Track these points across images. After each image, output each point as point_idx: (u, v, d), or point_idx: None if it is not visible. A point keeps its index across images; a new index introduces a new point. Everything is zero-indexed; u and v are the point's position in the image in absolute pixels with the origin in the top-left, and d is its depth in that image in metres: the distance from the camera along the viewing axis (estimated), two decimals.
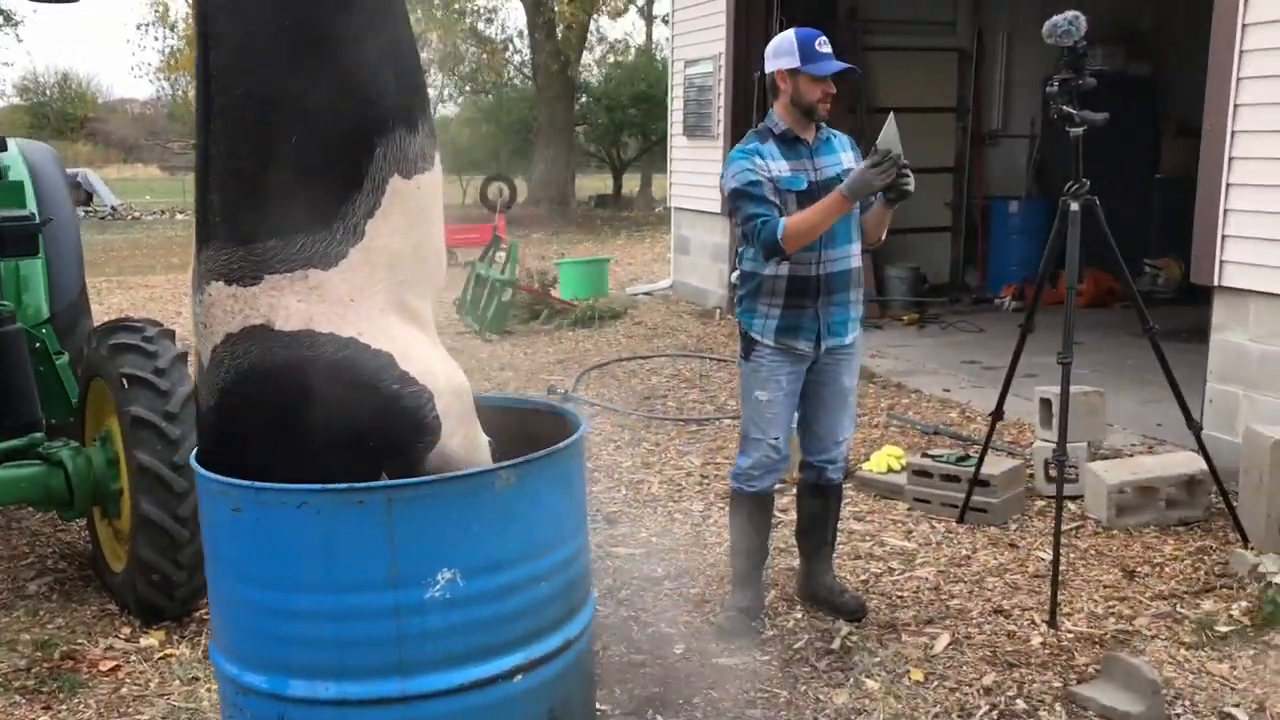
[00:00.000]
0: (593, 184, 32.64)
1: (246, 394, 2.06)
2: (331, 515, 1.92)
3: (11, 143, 4.94)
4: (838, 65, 3.81)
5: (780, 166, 3.85)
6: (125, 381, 3.91)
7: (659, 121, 29.32)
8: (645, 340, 9.68)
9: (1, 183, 4.64)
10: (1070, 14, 3.93)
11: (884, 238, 4.01)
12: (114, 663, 3.95)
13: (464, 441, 2.16)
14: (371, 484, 1.95)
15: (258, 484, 1.97)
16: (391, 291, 2.09)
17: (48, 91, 38.00)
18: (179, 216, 27.63)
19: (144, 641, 4.09)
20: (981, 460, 4.93)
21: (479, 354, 9.29)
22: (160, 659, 3.98)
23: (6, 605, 4.43)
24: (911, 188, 3.70)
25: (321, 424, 2.02)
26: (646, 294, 12.15)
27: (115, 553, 4.37)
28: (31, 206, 4.65)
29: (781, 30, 4.06)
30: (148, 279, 14.95)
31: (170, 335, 4.19)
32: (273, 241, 2.00)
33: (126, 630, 4.18)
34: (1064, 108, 4.07)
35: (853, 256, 3.93)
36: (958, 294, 11.30)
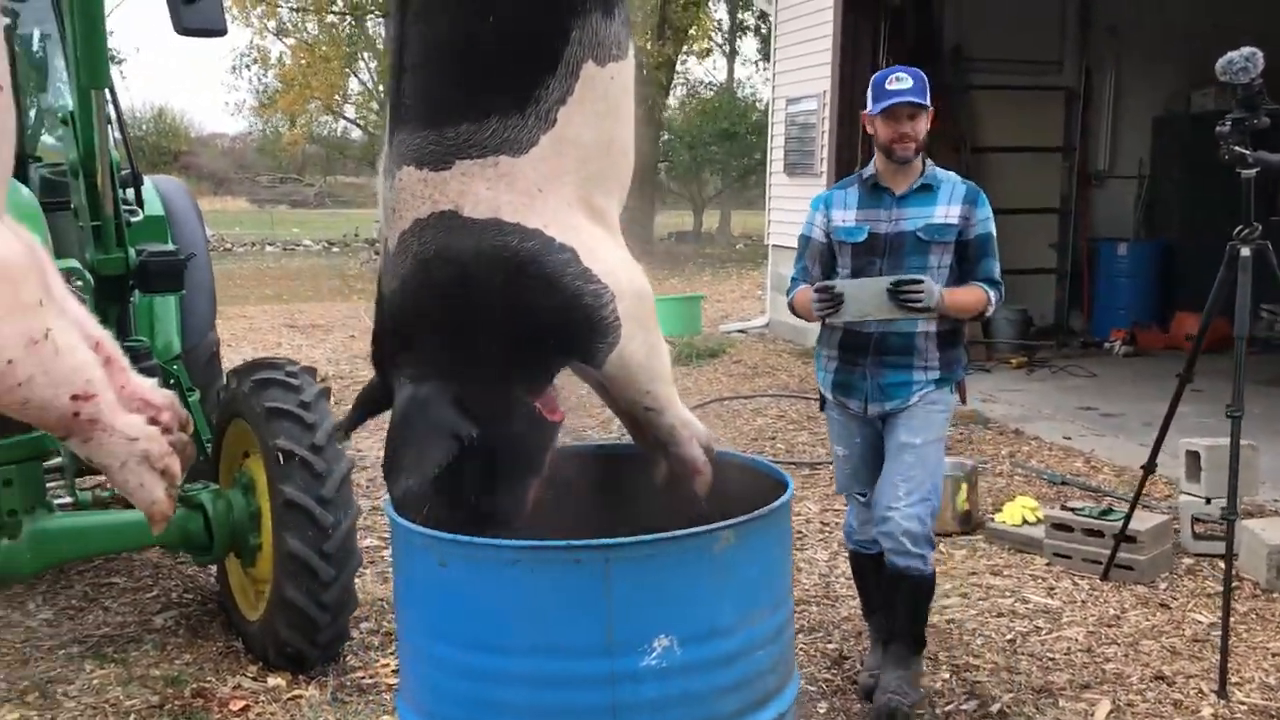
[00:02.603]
0: (670, 221, 32.67)
1: (430, 280, 1.98)
2: (545, 574, 1.80)
3: (146, 178, 4.97)
4: (895, 98, 3.57)
5: (847, 216, 3.70)
6: (269, 415, 3.84)
7: (740, 158, 29.47)
8: (745, 379, 9.53)
9: (145, 218, 4.64)
10: (1247, 50, 3.75)
11: (959, 315, 3.66)
12: (243, 702, 3.88)
13: (644, 346, 2.09)
14: (589, 542, 1.84)
15: (466, 539, 1.86)
16: (579, 186, 2.03)
17: (144, 126, 39.05)
18: (268, 248, 28.16)
19: (271, 681, 4.02)
20: (1130, 515, 4.70)
21: (579, 390, 9.19)
22: (289, 699, 3.91)
23: (135, 639, 4.40)
24: (874, 318, 3.54)
25: (501, 315, 1.97)
26: (741, 332, 12.02)
27: (250, 601, 4.25)
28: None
29: (887, 67, 3.98)
30: (244, 309, 15.16)
31: (311, 372, 4.11)
32: (465, 125, 1.94)
33: (254, 668, 4.11)
34: (1235, 148, 3.88)
35: (917, 320, 3.59)
36: (1065, 337, 11.00)
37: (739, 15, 31.30)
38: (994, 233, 3.71)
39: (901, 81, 3.61)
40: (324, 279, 20.43)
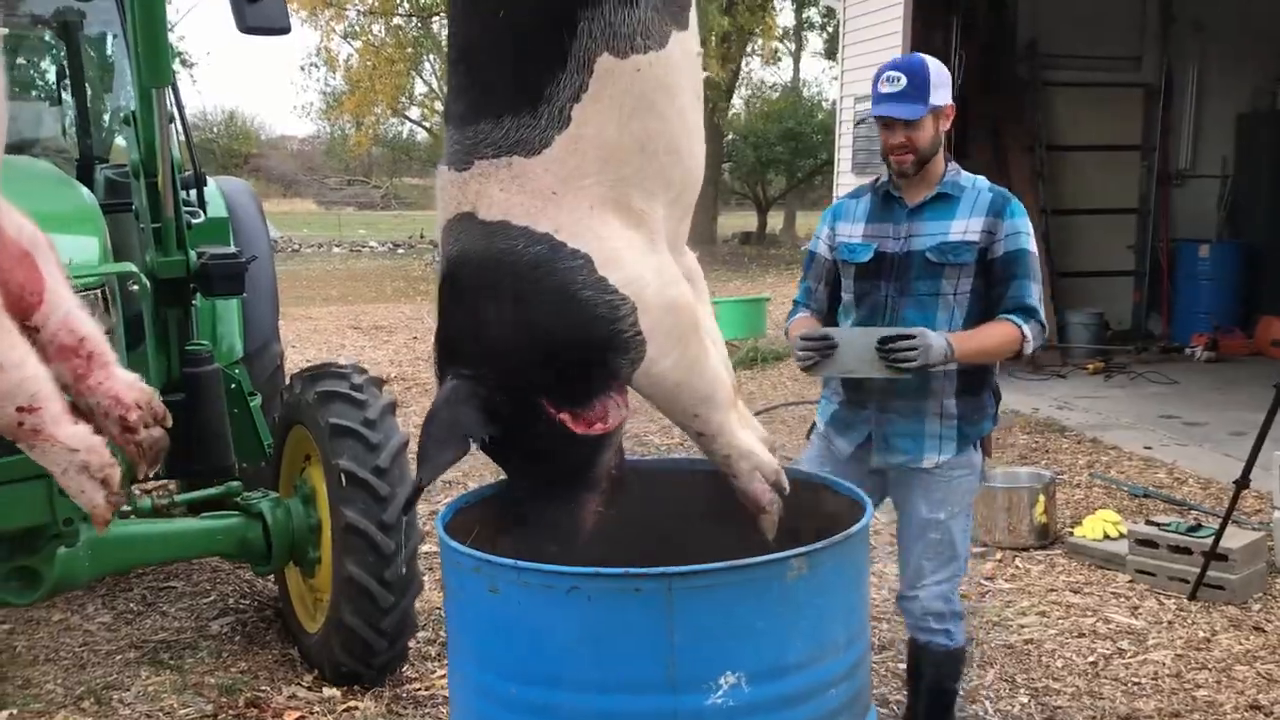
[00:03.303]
0: (734, 222, 32.48)
1: (452, 286, 1.93)
2: (604, 603, 1.67)
3: (210, 179, 4.92)
4: (880, 108, 3.02)
5: (854, 231, 3.18)
6: (332, 432, 3.73)
7: (805, 159, 29.17)
8: (812, 384, 9.33)
9: (208, 220, 4.58)
10: None
11: (984, 361, 3.15)
12: (298, 713, 3.81)
13: (681, 365, 1.95)
14: (650, 570, 1.70)
15: (520, 564, 1.74)
16: (611, 188, 1.87)
17: (215, 129, 39.67)
18: (335, 250, 28.43)
19: (326, 691, 3.94)
20: (1222, 531, 4.46)
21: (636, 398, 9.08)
22: (344, 711, 3.83)
23: (191, 645, 4.35)
24: (861, 374, 3.05)
25: (509, 322, 1.86)
26: None
27: (308, 611, 4.16)
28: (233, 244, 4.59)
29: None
30: (309, 310, 15.26)
31: (378, 383, 3.97)
32: (482, 124, 1.86)
33: (309, 677, 4.04)
34: None
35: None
36: (1143, 342, 10.65)
37: (805, 13, 31.00)
38: (1030, 249, 3.11)
39: (894, 83, 3.00)
40: (388, 280, 20.54)
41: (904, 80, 2.99)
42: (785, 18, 30.90)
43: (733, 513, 2.05)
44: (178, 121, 5.25)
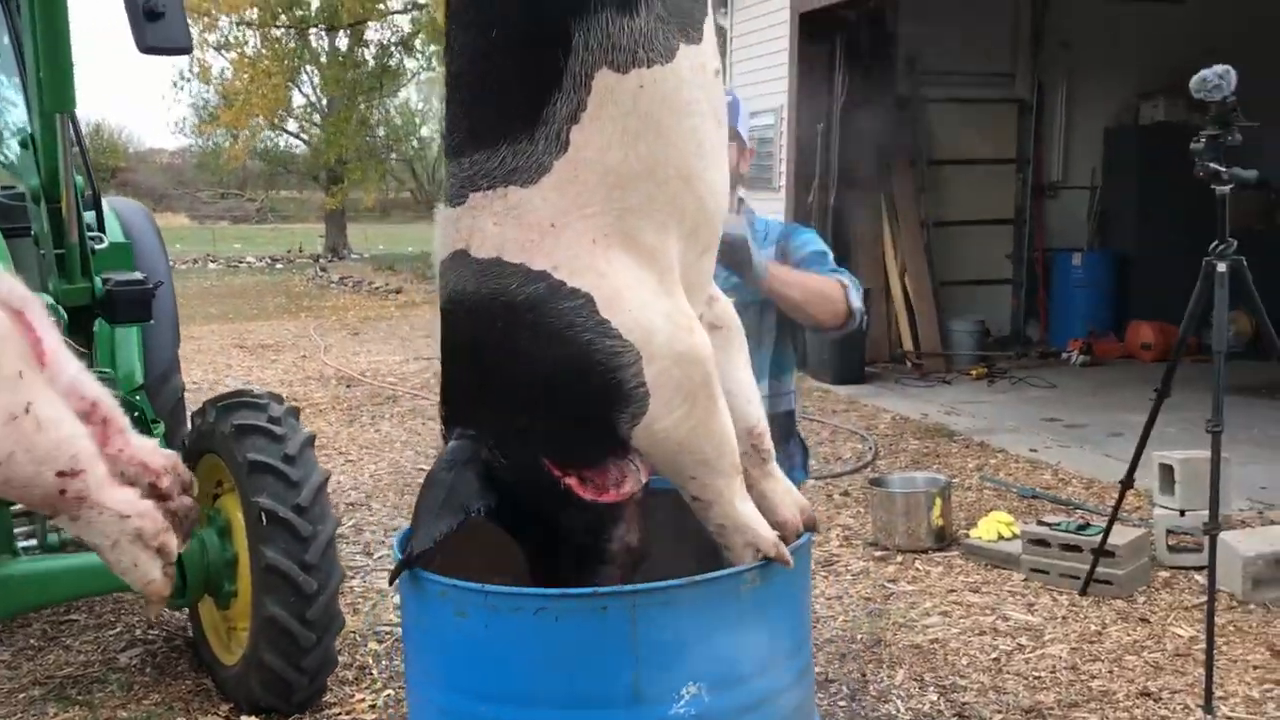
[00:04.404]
0: None
1: (447, 333, 1.81)
2: (570, 623, 1.73)
3: (104, 201, 4.81)
4: None
5: None
6: (250, 469, 3.63)
7: None
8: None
9: (110, 245, 4.46)
10: (1220, 68, 3.77)
11: (791, 300, 2.96)
12: None
13: (685, 424, 1.74)
14: (616, 589, 1.76)
15: (487, 588, 1.78)
16: (614, 219, 1.69)
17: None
18: (211, 265, 27.75)
19: None
20: (1109, 529, 4.71)
21: None
22: None
23: (100, 679, 4.25)
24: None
25: (503, 371, 1.73)
26: None
27: (223, 643, 4.07)
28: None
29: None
30: (189, 329, 14.82)
31: (295, 413, 3.90)
32: (478, 154, 1.71)
33: (225, 707, 3.99)
34: (1210, 165, 3.90)
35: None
36: (1022, 348, 11.10)
37: None
38: (827, 251, 3.14)
39: None
40: (269, 296, 20.13)
41: None
42: None
43: (697, 533, 2.00)
44: (75, 143, 5.12)
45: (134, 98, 79.36)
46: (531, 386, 1.73)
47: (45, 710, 4.00)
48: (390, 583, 1.85)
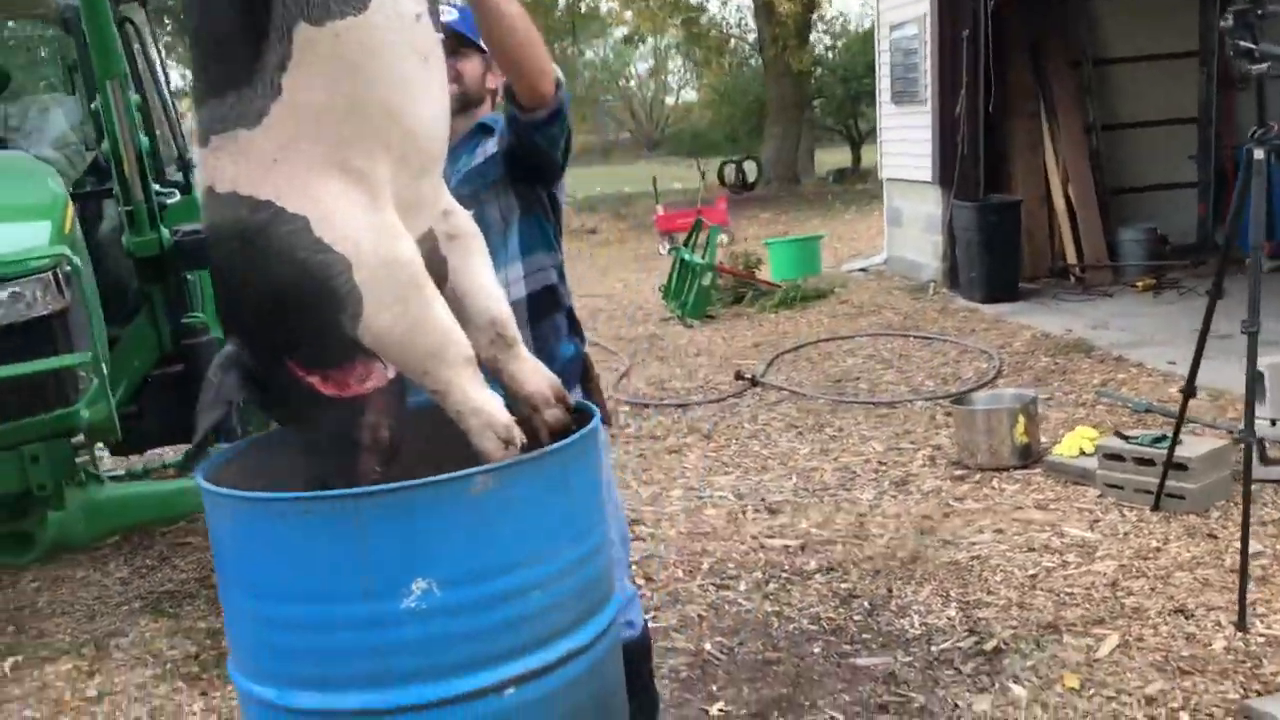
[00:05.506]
0: (834, 158, 32.01)
1: (209, 255, 2.08)
2: (303, 525, 1.88)
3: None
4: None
5: None
6: None
7: None
8: (849, 320, 9.35)
9: (186, 200, 4.90)
10: None
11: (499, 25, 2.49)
12: None
13: (400, 321, 1.96)
14: (344, 492, 1.90)
15: (240, 493, 1.96)
16: (326, 151, 1.94)
17: None
18: None
19: None
20: (1175, 440, 4.43)
21: (679, 340, 9.23)
22: None
23: (192, 595, 4.72)
24: None
25: (241, 289, 1.99)
26: (862, 270, 11.76)
27: None
28: None
29: None
30: None
31: None
32: (213, 100, 1.97)
33: None
34: (1240, 43, 3.57)
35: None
36: (1203, 255, 10.29)
37: None
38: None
39: (449, 13, 2.73)
40: None
41: (454, 13, 2.78)
42: None
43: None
44: (162, 105, 5.57)
45: None
46: (265, 300, 1.97)
47: (138, 621, 4.49)
48: (193, 460, 2.09)
